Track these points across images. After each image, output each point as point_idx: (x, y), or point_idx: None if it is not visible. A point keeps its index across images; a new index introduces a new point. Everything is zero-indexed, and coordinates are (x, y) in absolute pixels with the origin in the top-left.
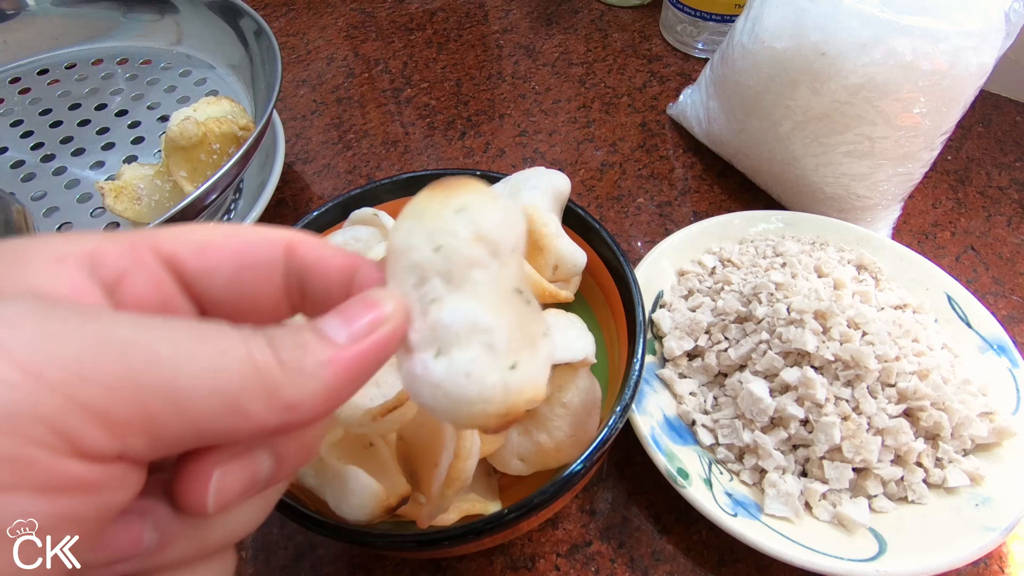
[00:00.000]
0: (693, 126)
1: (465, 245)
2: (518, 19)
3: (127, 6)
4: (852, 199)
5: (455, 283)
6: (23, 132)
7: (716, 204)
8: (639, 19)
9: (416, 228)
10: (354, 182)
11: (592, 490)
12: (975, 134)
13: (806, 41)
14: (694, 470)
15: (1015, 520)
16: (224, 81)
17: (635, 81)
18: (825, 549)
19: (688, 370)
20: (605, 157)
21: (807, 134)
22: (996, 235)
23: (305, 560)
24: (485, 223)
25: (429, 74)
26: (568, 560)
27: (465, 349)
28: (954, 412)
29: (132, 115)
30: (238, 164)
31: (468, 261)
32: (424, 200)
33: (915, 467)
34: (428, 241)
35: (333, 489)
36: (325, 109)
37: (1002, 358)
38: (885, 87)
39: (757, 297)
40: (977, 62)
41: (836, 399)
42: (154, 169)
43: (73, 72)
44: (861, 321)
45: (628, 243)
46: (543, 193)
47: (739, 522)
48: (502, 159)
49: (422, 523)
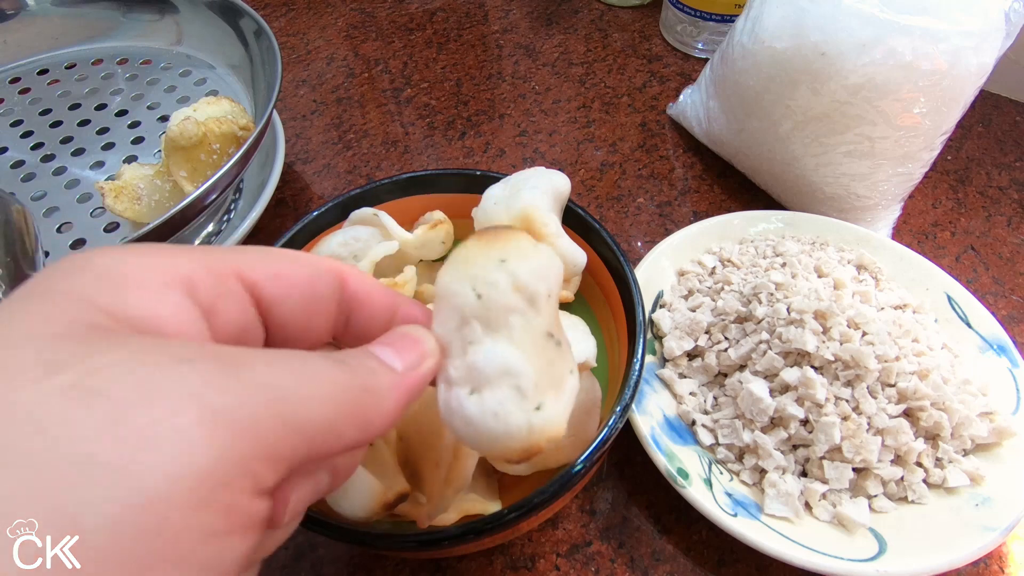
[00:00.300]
0: (693, 126)
1: (504, 295)
2: (518, 19)
3: (127, 6)
4: (852, 199)
5: (492, 328)
6: (23, 132)
7: (716, 204)
8: (639, 19)
9: (461, 275)
10: (354, 182)
11: (592, 490)
12: (975, 134)
13: (806, 41)
14: (694, 470)
15: (1015, 520)
16: (224, 81)
17: (635, 81)
18: (825, 549)
19: (688, 370)
20: (605, 157)
21: (807, 134)
22: (996, 235)
23: (305, 560)
24: (523, 275)
25: (429, 74)
26: (568, 560)
27: (496, 390)
28: (954, 412)
29: (132, 115)
30: (238, 164)
31: (506, 308)
32: (471, 248)
33: (915, 467)
34: (471, 288)
35: None
36: (325, 109)
37: (1002, 358)
38: (885, 87)
39: (757, 297)
40: (977, 62)
41: (836, 399)
42: (154, 169)
43: (73, 72)
44: (861, 321)
45: (628, 243)
46: (543, 193)
47: (739, 522)
48: (502, 159)
49: (422, 523)
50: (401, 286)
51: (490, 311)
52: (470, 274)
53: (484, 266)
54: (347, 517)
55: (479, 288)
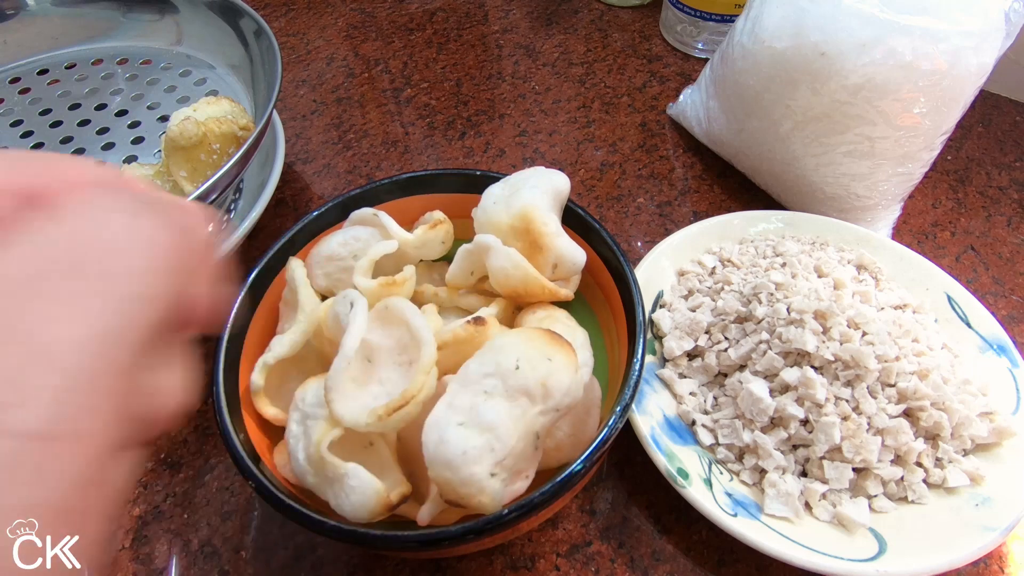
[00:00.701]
0: (693, 126)
1: (532, 380)
2: (518, 19)
3: (127, 6)
4: (852, 199)
5: (508, 395)
6: (23, 132)
7: (716, 204)
8: (639, 19)
9: (519, 344)
10: (354, 182)
11: (592, 490)
12: (975, 134)
13: (806, 41)
14: (694, 470)
15: (1015, 520)
16: (224, 81)
17: (635, 81)
18: (825, 549)
19: (688, 370)
20: (605, 157)
21: (807, 134)
22: (996, 235)
23: (305, 560)
24: (555, 381)
25: (429, 74)
26: (568, 560)
27: (477, 436)
28: (954, 412)
29: (132, 115)
30: (238, 164)
31: (525, 390)
32: (537, 334)
33: (915, 467)
34: (516, 358)
35: (334, 487)
36: (325, 109)
37: (1002, 358)
38: (885, 87)
39: (757, 297)
40: (977, 62)
41: (836, 399)
42: (154, 169)
43: (73, 72)
44: (861, 321)
45: (628, 243)
46: (543, 192)
47: (739, 522)
48: (502, 159)
49: (422, 522)
50: (400, 285)
51: (516, 383)
52: (525, 348)
53: (537, 351)
54: (349, 518)
55: (522, 362)
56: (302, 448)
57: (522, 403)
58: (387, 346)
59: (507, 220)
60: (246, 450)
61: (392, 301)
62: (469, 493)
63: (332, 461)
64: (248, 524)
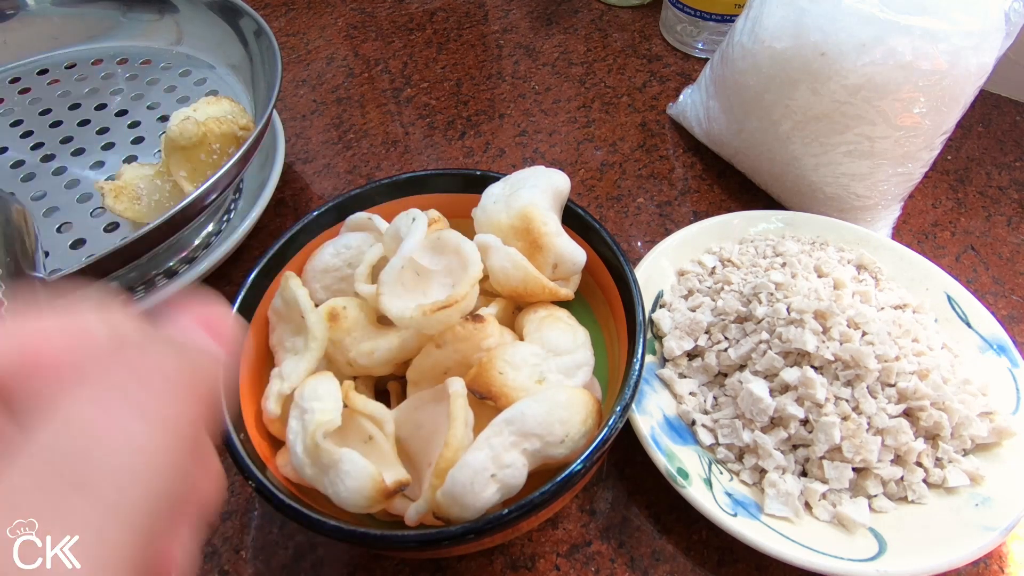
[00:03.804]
0: (693, 126)
1: (566, 447)
2: (518, 19)
3: (127, 6)
4: (852, 199)
5: (535, 457)
6: (23, 132)
7: (716, 204)
8: (639, 19)
9: (573, 417)
10: (354, 182)
11: (592, 490)
12: (975, 134)
13: (806, 41)
14: (694, 470)
15: (1015, 520)
16: (224, 81)
17: (635, 81)
18: (825, 549)
19: (688, 370)
20: (605, 157)
21: (807, 134)
22: (996, 235)
23: (305, 560)
24: (575, 436)
25: (429, 74)
26: (568, 560)
27: (498, 492)
28: (954, 412)
29: (132, 115)
30: (238, 164)
31: (549, 448)
32: (593, 404)
33: (915, 467)
34: (565, 434)
35: (329, 475)
36: (325, 109)
37: (1002, 358)
38: (885, 87)
39: (757, 297)
40: (977, 62)
41: (836, 399)
42: (154, 169)
43: (73, 72)
44: (861, 321)
45: (628, 243)
46: (543, 192)
47: (739, 522)
48: (502, 159)
49: (410, 521)
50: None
51: (552, 451)
52: (576, 420)
53: (582, 423)
54: (348, 507)
55: (568, 439)
56: (300, 441)
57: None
58: (436, 270)
59: (507, 220)
60: (246, 450)
61: (445, 232)
62: (464, 518)
63: (327, 448)
64: (248, 524)
